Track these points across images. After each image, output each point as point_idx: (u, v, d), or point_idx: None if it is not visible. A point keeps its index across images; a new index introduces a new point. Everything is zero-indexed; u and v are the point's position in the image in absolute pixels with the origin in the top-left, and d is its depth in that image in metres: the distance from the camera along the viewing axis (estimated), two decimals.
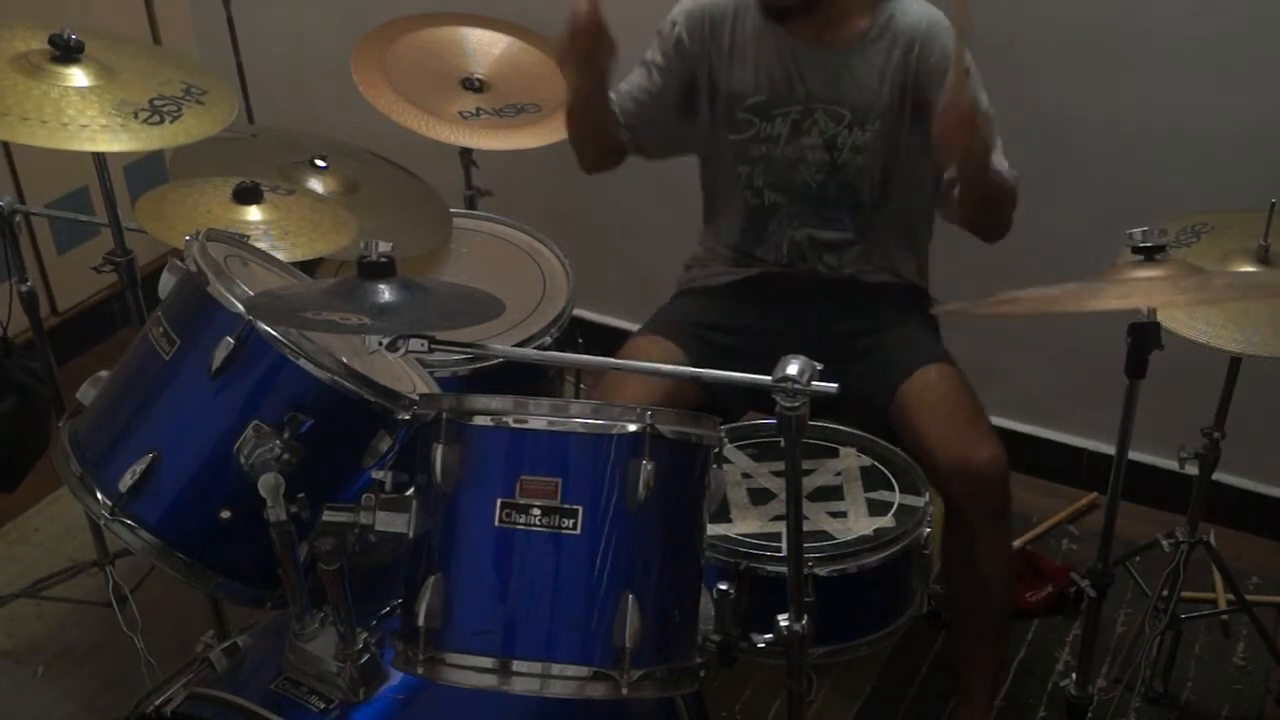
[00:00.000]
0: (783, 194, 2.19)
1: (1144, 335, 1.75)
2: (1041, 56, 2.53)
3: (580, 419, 1.46)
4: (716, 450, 1.56)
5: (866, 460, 2.04)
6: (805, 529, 1.63)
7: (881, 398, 2.11)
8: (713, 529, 1.66)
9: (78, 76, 1.94)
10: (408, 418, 1.63)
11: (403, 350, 1.48)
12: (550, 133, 2.63)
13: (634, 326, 2.37)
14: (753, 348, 2.14)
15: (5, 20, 2.05)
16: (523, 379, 2.30)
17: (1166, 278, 1.67)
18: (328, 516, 1.50)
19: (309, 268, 2.13)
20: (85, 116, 1.90)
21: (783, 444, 1.49)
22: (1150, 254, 1.68)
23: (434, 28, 2.79)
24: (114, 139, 1.89)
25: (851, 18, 2.11)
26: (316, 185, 2.39)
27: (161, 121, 1.93)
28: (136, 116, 1.92)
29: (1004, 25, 2.50)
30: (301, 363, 1.59)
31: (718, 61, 2.15)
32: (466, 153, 2.72)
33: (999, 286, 1.74)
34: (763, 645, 1.65)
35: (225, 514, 1.61)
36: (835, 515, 1.93)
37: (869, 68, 2.10)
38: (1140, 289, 1.68)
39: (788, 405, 1.45)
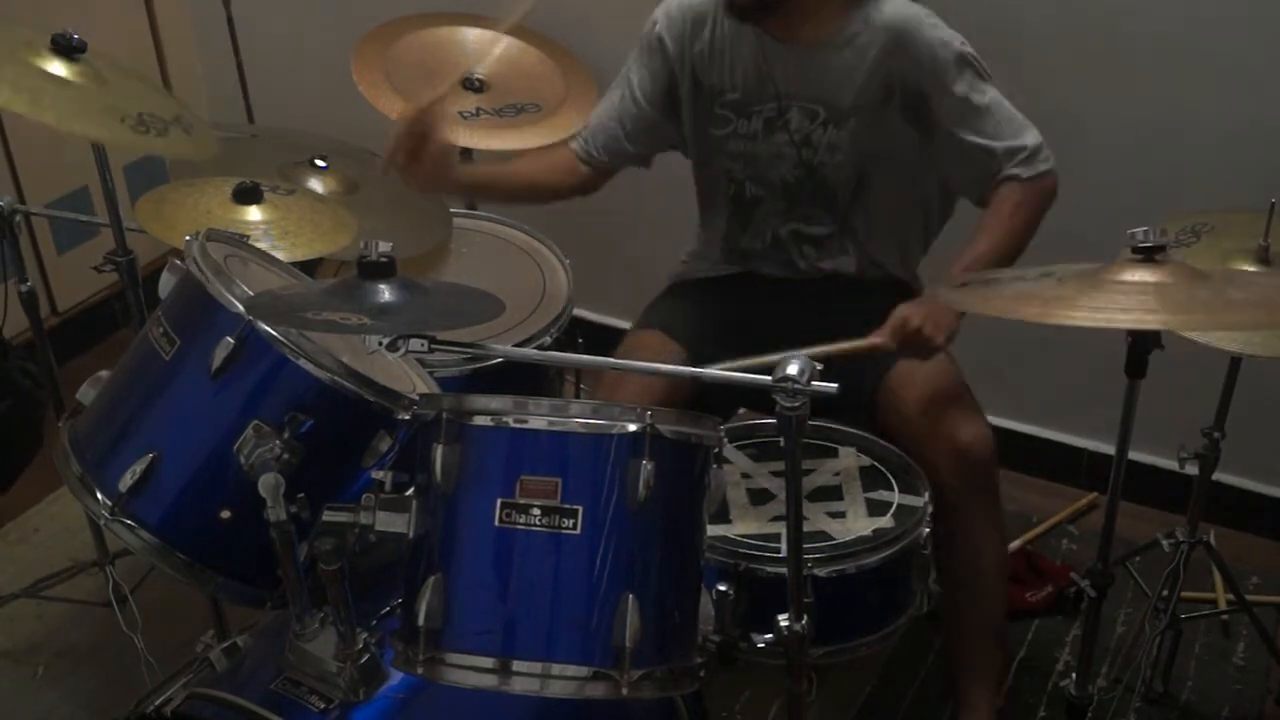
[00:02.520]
0: (763, 188, 2.21)
1: (1144, 336, 1.75)
2: (1042, 56, 2.52)
3: (580, 419, 1.46)
4: (716, 450, 1.56)
5: (866, 460, 2.04)
6: (805, 529, 1.63)
7: (870, 383, 2.12)
8: (713, 529, 1.66)
9: (72, 74, 1.95)
10: (408, 418, 1.63)
11: (403, 350, 1.48)
12: (550, 133, 2.63)
13: None
14: (745, 342, 2.16)
15: (5, 20, 2.05)
16: (523, 379, 2.30)
17: (1163, 285, 1.65)
18: (328, 516, 1.50)
19: (309, 268, 2.12)
20: (77, 105, 1.90)
21: (783, 444, 1.49)
22: (1150, 254, 1.68)
23: (434, 28, 2.80)
24: (101, 130, 1.91)
25: (823, 17, 2.09)
26: (316, 185, 2.39)
27: (148, 133, 1.93)
28: (124, 121, 1.91)
29: (1005, 25, 2.50)
30: (301, 363, 1.59)
31: (699, 59, 2.16)
32: (466, 153, 2.72)
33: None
34: (763, 645, 1.66)
35: (225, 514, 1.61)
36: (834, 515, 1.93)
37: (846, 66, 2.09)
38: (1138, 301, 1.65)
39: (788, 405, 1.45)
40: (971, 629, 2.13)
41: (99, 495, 1.64)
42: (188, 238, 1.70)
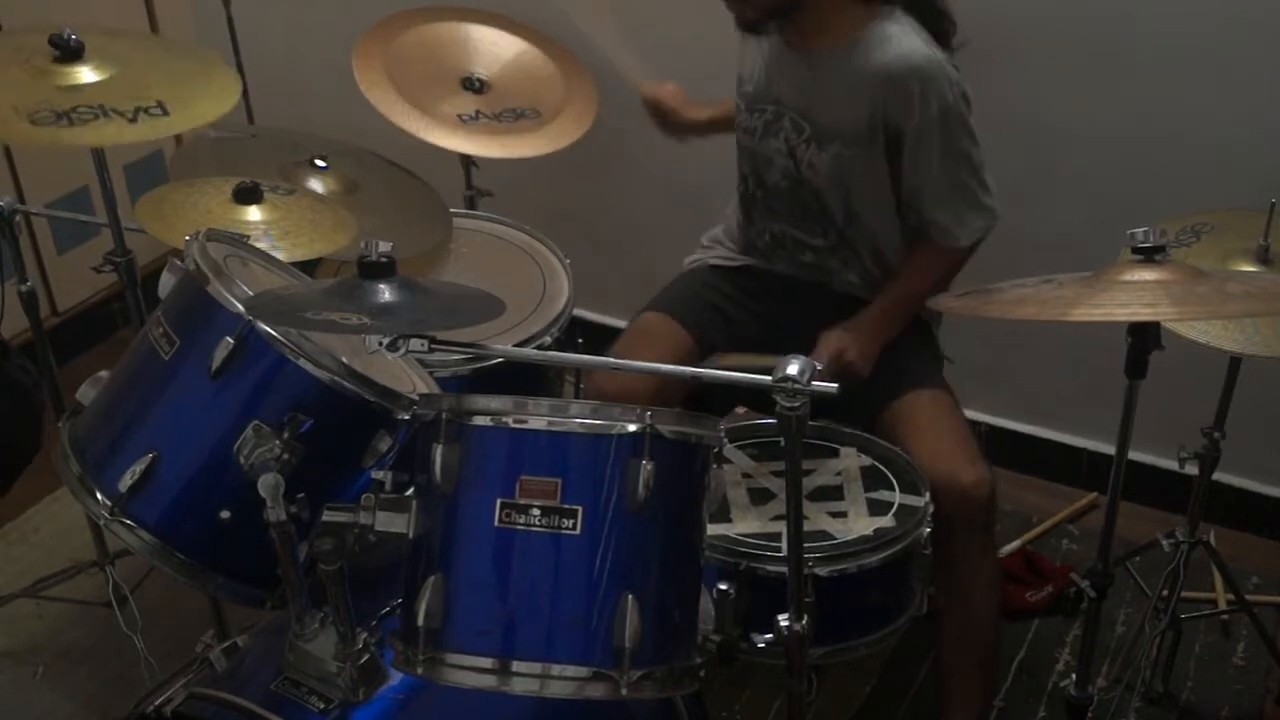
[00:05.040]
0: (761, 188, 2.22)
1: (1144, 335, 1.75)
2: (1042, 57, 2.52)
3: (580, 419, 1.46)
4: (716, 450, 1.56)
5: (866, 460, 2.04)
6: (805, 529, 1.63)
7: (872, 409, 2.12)
8: (713, 529, 1.66)
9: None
10: (408, 418, 1.63)
11: (403, 350, 1.48)
12: (546, 142, 2.61)
13: None
14: (750, 335, 2.19)
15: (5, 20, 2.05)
16: (523, 379, 2.30)
17: (1162, 283, 1.65)
18: (328, 516, 1.50)
19: (309, 268, 2.13)
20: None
21: (783, 444, 1.49)
22: (1150, 254, 1.67)
23: (435, 23, 2.78)
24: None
25: (833, 30, 2.06)
26: (316, 185, 2.39)
27: (59, 123, 1.89)
28: (29, 117, 1.88)
29: (1005, 26, 2.50)
30: (301, 363, 1.59)
31: (741, 42, 2.19)
32: (468, 158, 2.71)
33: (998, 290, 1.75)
34: (763, 645, 1.66)
35: (225, 514, 1.61)
36: (835, 515, 1.93)
37: (838, 87, 2.07)
38: (1138, 297, 1.65)
39: (788, 405, 1.45)
40: (957, 653, 2.14)
41: (99, 495, 1.64)
42: (188, 238, 1.70)
